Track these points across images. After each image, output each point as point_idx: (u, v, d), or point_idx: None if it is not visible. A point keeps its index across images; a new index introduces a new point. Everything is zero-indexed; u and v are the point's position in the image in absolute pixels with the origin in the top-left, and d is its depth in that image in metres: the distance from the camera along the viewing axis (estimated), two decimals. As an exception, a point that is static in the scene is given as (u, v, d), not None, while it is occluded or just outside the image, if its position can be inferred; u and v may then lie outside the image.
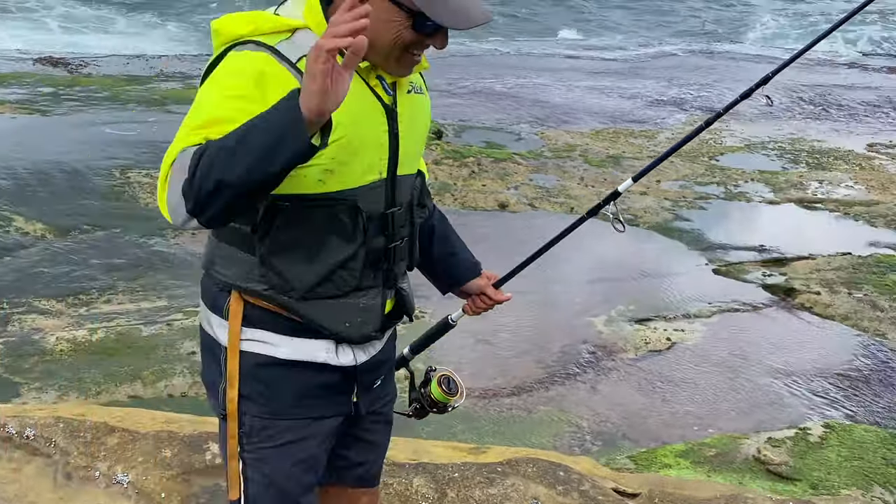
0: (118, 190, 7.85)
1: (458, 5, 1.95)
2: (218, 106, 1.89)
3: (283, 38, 1.98)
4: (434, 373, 2.53)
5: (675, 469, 4.54)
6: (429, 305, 6.34)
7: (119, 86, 11.42)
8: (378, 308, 2.13)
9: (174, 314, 5.96)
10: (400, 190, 2.11)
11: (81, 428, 3.27)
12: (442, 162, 9.09)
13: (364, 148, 2.02)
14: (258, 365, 2.09)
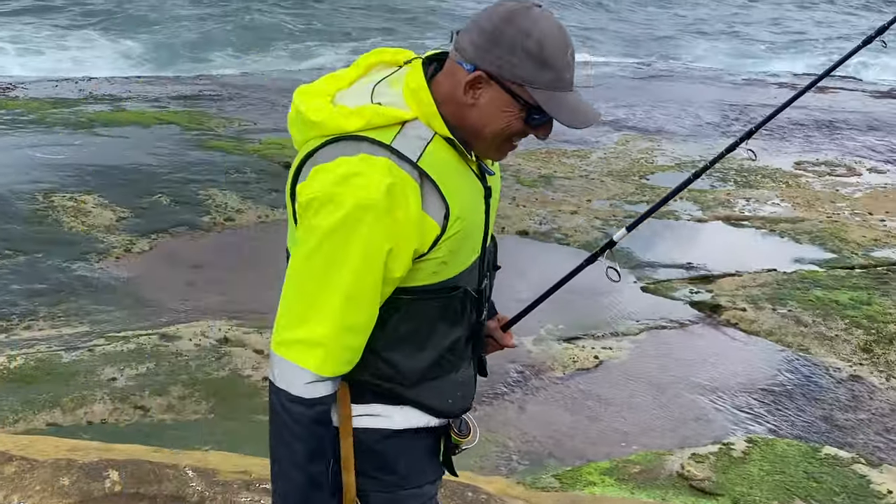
0: (41, 214, 7.71)
1: (576, 104, 1.97)
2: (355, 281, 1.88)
3: (395, 132, 1.94)
4: None
5: (600, 486, 4.54)
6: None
7: (45, 109, 11.25)
8: (473, 379, 2.18)
9: (96, 339, 5.85)
10: (486, 260, 2.16)
11: (-24, 458, 3.20)
12: (373, 183, 9.06)
13: (473, 233, 2.06)
14: (375, 440, 2.08)
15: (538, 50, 1.89)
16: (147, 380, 5.40)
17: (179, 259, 7.33)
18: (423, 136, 1.95)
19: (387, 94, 2.00)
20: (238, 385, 5.43)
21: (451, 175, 1.98)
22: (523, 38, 1.89)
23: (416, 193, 1.89)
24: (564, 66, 1.92)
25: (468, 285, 2.07)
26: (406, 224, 1.89)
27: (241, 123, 11.33)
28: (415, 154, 1.92)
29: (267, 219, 8.18)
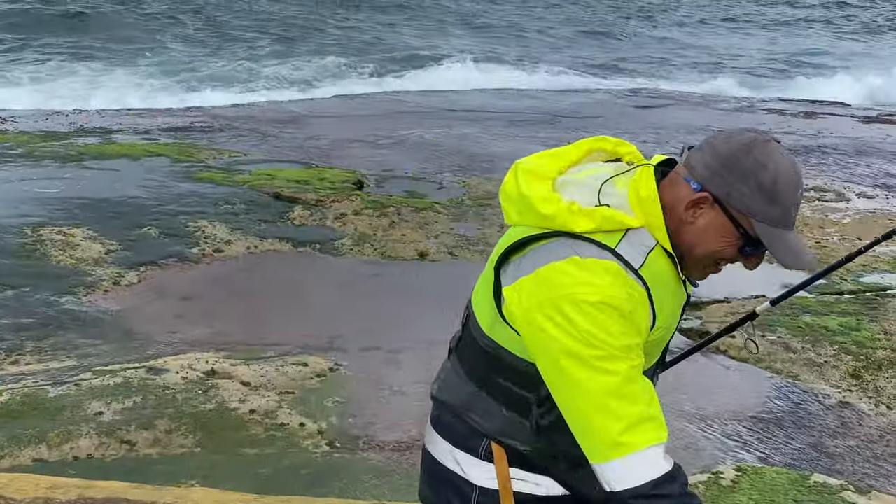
0: (29, 248, 7.70)
1: (795, 244, 1.99)
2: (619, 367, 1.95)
3: (620, 237, 2.00)
4: None
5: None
6: (343, 358, 6.30)
7: (35, 142, 11.26)
8: None
9: (83, 373, 5.82)
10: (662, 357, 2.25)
11: (-49, 499, 3.17)
12: (362, 213, 9.08)
13: (665, 338, 2.16)
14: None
15: (771, 184, 1.93)
16: (134, 414, 5.38)
17: (168, 291, 7.31)
18: (647, 243, 2.02)
19: (614, 196, 2.05)
20: (225, 418, 5.41)
21: (663, 286, 2.06)
22: (759, 169, 1.93)
23: (645, 301, 2.00)
24: (792, 205, 1.95)
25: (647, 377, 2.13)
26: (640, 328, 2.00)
27: (232, 154, 11.35)
28: (637, 262, 2.00)
29: (256, 250, 8.17)
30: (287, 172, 10.39)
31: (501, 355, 2.15)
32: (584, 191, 2.05)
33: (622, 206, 2.02)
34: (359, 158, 11.56)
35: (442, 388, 2.37)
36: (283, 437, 5.31)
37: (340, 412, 5.63)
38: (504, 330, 2.12)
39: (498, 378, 2.17)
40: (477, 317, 2.19)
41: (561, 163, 2.13)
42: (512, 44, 26.23)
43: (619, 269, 1.97)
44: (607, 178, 2.07)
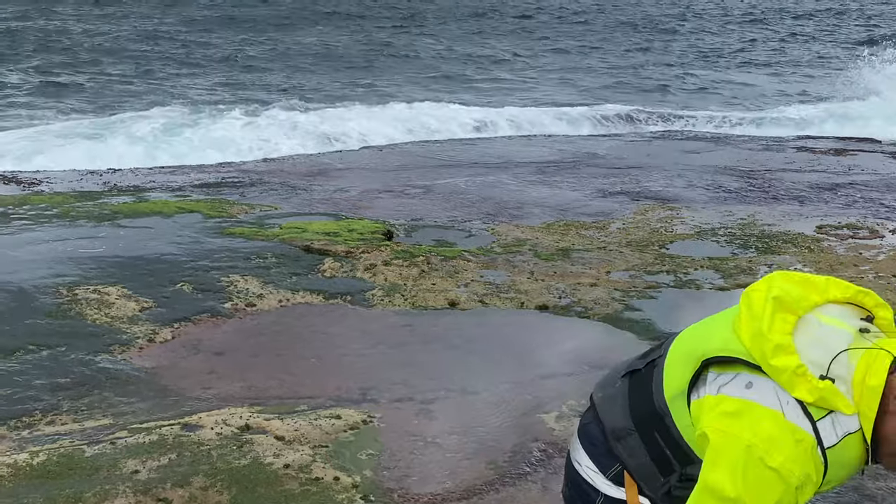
0: (65, 308, 7.79)
1: None
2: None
3: (826, 413, 2.07)
4: None
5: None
6: (376, 410, 6.30)
7: (69, 202, 11.43)
8: None
9: (118, 432, 5.87)
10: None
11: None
12: (392, 263, 9.12)
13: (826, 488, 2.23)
14: None
15: None
16: (169, 471, 5.41)
17: (202, 346, 7.37)
18: (849, 428, 2.07)
19: (843, 369, 2.08)
20: (260, 473, 5.43)
21: (844, 467, 2.14)
22: None
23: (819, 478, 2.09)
24: None
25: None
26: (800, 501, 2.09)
27: (263, 209, 11.47)
28: (830, 441, 2.07)
29: (288, 303, 8.23)
30: (317, 225, 10.48)
31: (669, 425, 2.28)
32: (820, 351, 2.09)
33: (846, 382, 2.06)
34: (387, 209, 11.64)
35: (603, 401, 2.50)
36: (318, 491, 5.31)
37: (374, 465, 5.63)
38: (683, 413, 2.24)
39: (657, 435, 2.30)
40: (665, 377, 2.32)
41: (816, 297, 2.17)
42: (524, 89, 26.37)
43: (811, 445, 2.05)
44: (846, 347, 2.09)
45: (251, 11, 42.44)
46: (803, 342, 2.11)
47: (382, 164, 15.28)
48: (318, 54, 31.30)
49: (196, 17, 39.93)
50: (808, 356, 2.09)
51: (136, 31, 35.05)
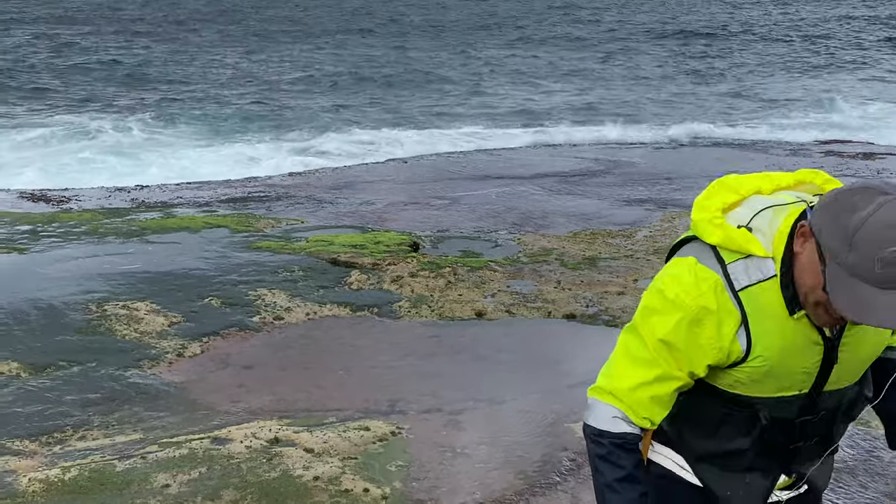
0: (94, 324, 7.85)
1: (867, 299, 1.90)
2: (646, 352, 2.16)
3: (739, 257, 2.07)
4: None
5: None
6: (405, 421, 6.30)
7: (98, 219, 11.52)
8: (763, 489, 2.27)
9: (149, 446, 5.90)
10: (823, 401, 2.20)
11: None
12: (418, 274, 9.12)
13: (784, 376, 2.14)
14: (660, 476, 2.34)
15: (853, 229, 1.89)
16: (200, 485, 5.42)
17: (230, 360, 7.40)
18: (764, 272, 2.06)
19: (764, 223, 2.10)
20: (290, 486, 5.43)
21: (768, 318, 2.08)
22: (848, 212, 1.91)
23: (732, 322, 2.07)
24: (876, 260, 1.86)
25: (772, 412, 2.16)
26: (706, 346, 2.09)
27: (289, 223, 11.51)
28: (741, 283, 2.06)
29: (315, 315, 8.24)
30: (343, 238, 10.50)
31: None
32: (746, 210, 2.12)
33: (766, 234, 2.07)
34: (413, 220, 11.65)
35: None
36: (348, 503, 5.31)
37: (404, 476, 5.62)
38: None
39: None
40: None
41: (764, 183, 2.18)
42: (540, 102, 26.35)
43: (715, 282, 2.06)
44: (772, 205, 2.12)
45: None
46: (739, 210, 2.14)
47: (408, 176, 15.31)
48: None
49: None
50: (733, 217, 2.12)
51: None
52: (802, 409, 2.17)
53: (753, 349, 2.08)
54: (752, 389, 2.15)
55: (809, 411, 2.17)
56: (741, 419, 2.18)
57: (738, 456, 2.22)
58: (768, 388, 2.14)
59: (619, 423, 2.20)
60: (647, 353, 2.16)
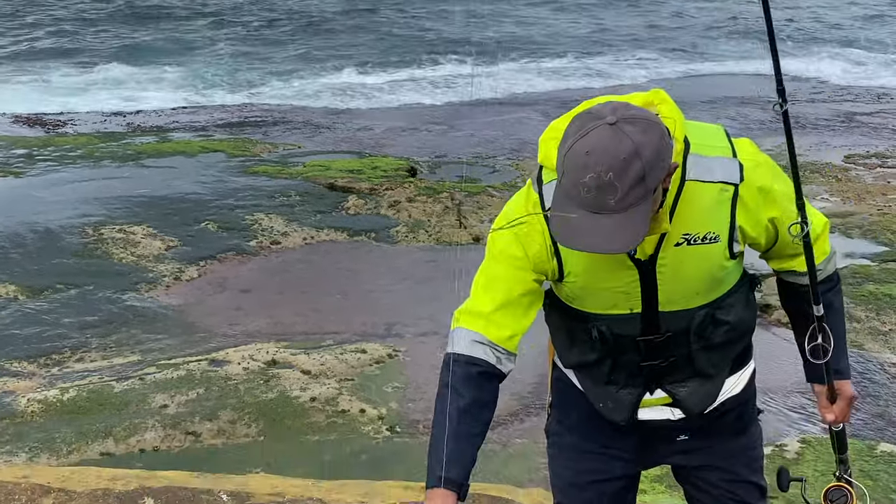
0: (91, 247, 7.84)
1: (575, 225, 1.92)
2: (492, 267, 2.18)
3: (555, 177, 2.04)
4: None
5: (650, 494, 4.50)
6: (401, 344, 6.33)
7: (94, 143, 11.45)
8: (628, 404, 2.27)
9: (147, 368, 5.93)
10: (666, 321, 2.19)
11: (16, 491, 3.24)
12: (416, 199, 9.10)
13: (601, 293, 2.16)
14: (557, 378, 2.39)
15: (562, 155, 1.93)
16: (197, 405, 5.46)
17: (228, 284, 7.41)
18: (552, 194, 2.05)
19: None
20: (287, 406, 5.47)
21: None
22: (566, 136, 1.95)
23: (541, 238, 2.12)
24: (577, 184, 1.89)
25: (612, 328, 2.17)
26: (535, 256, 2.14)
27: (286, 147, 11.45)
28: (548, 204, 2.07)
29: (312, 240, 8.24)
30: (340, 163, 10.45)
31: None
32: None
33: None
34: (411, 146, 11.59)
35: None
36: (344, 423, 5.36)
37: (400, 397, 5.66)
38: None
39: None
40: None
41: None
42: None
43: (535, 203, 2.11)
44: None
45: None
46: None
47: (406, 103, 15.18)
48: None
49: None
50: None
51: None
52: (646, 329, 2.17)
53: (565, 267, 2.13)
54: (583, 304, 2.17)
55: (653, 331, 2.17)
56: (587, 332, 2.19)
57: (597, 369, 2.23)
58: (595, 305, 2.16)
59: (477, 346, 2.19)
60: (494, 267, 2.18)
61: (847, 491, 2.37)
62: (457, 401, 2.16)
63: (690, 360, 2.23)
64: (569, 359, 2.29)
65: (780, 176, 2.19)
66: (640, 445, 2.34)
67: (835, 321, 2.29)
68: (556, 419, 2.42)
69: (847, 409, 2.33)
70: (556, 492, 2.43)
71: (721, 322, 2.20)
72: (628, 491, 2.42)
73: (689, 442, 2.34)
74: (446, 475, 2.09)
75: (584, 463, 2.36)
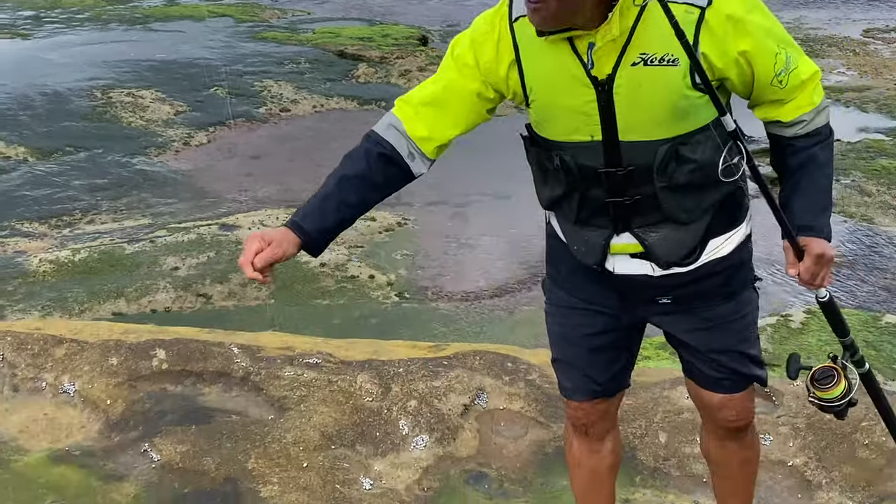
0: (100, 110, 7.80)
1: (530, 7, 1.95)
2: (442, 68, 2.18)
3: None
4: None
5: (654, 361, 4.55)
6: (411, 213, 6.34)
7: (100, 6, 11.28)
8: (598, 246, 2.22)
9: (157, 231, 5.96)
10: (628, 153, 2.11)
11: (29, 341, 3.29)
12: (426, 69, 8.97)
13: (561, 113, 2.09)
14: (549, 234, 2.35)
15: None
16: (208, 268, 5.50)
17: (237, 150, 7.39)
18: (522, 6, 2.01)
19: None
20: (297, 271, 5.51)
21: (534, 48, 2.05)
22: None
23: (507, 50, 2.09)
24: None
25: (576, 158, 2.11)
26: (475, 67, 2.12)
27: (295, 14, 11.26)
28: (517, 13, 2.05)
29: (322, 108, 8.17)
30: (350, 30, 10.28)
31: None
32: None
33: None
34: (422, 14, 11.38)
35: None
36: (354, 288, 5.40)
37: (409, 264, 5.70)
38: None
39: None
40: None
41: None
42: None
43: (504, 13, 2.08)
44: None
45: None
46: None
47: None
48: None
49: None
50: None
51: None
52: (609, 161, 2.12)
53: (526, 82, 2.08)
54: (545, 131, 2.13)
55: (616, 163, 2.11)
56: (551, 162, 2.15)
57: (567, 205, 2.20)
58: (557, 131, 2.11)
59: (392, 131, 2.19)
60: (444, 69, 2.18)
61: (834, 371, 2.23)
62: (344, 168, 2.18)
63: (657, 200, 2.15)
64: (542, 196, 2.26)
65: (761, 9, 2.07)
66: (620, 302, 2.30)
67: (815, 175, 2.18)
68: (549, 275, 2.42)
69: (813, 268, 2.10)
70: (552, 346, 2.46)
71: (685, 159, 2.10)
72: (620, 349, 2.40)
73: (670, 306, 2.29)
74: (296, 219, 2.14)
75: (572, 318, 2.35)
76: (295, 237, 2.12)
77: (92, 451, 2.89)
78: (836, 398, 2.23)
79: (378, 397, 3.16)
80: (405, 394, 3.18)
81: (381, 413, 3.12)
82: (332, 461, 2.88)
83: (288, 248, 2.12)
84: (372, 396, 3.16)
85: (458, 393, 3.21)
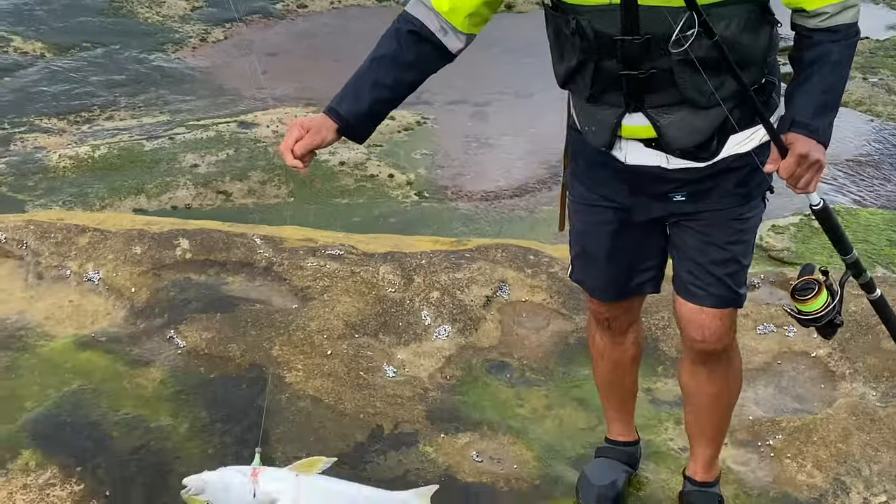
0: (116, 5, 7.71)
1: None
2: None
3: None
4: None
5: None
6: (430, 112, 6.28)
7: None
8: (608, 125, 2.16)
9: (176, 128, 5.94)
10: (646, 19, 2.02)
11: (52, 230, 3.29)
12: (446, -36, 8.81)
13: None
14: (568, 126, 2.31)
15: None
16: (227, 165, 5.50)
17: (254, 47, 7.31)
18: None
19: None
20: (316, 169, 5.49)
21: None
22: None
23: None
24: None
25: (593, 23, 2.04)
26: None
27: None
28: None
29: (340, 4, 8.06)
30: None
31: None
32: None
33: None
34: None
35: None
36: (373, 187, 5.39)
37: (428, 164, 5.67)
38: None
39: None
40: None
41: None
42: None
43: None
44: None
45: None
46: None
47: None
48: None
49: None
50: None
51: None
52: (625, 28, 2.04)
53: None
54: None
55: (632, 30, 2.03)
56: (568, 28, 2.08)
57: (581, 79, 2.14)
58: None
59: (420, 6, 2.15)
60: None
61: (815, 283, 2.08)
62: (377, 49, 2.15)
63: (672, 76, 2.06)
64: (558, 71, 2.19)
65: None
66: (632, 195, 2.23)
67: (825, 72, 2.03)
68: (570, 171, 2.38)
69: (793, 167, 1.94)
70: (571, 240, 2.44)
71: (705, 31, 1.96)
72: (640, 253, 2.34)
73: (684, 204, 2.20)
74: (333, 104, 2.11)
75: (592, 214, 2.31)
76: (332, 123, 2.09)
77: (118, 337, 2.90)
78: (813, 311, 2.10)
79: (401, 288, 3.17)
80: (427, 285, 3.18)
81: (404, 304, 3.12)
82: (356, 349, 2.90)
83: (327, 135, 2.09)
84: (394, 287, 3.16)
85: (480, 285, 3.21)
